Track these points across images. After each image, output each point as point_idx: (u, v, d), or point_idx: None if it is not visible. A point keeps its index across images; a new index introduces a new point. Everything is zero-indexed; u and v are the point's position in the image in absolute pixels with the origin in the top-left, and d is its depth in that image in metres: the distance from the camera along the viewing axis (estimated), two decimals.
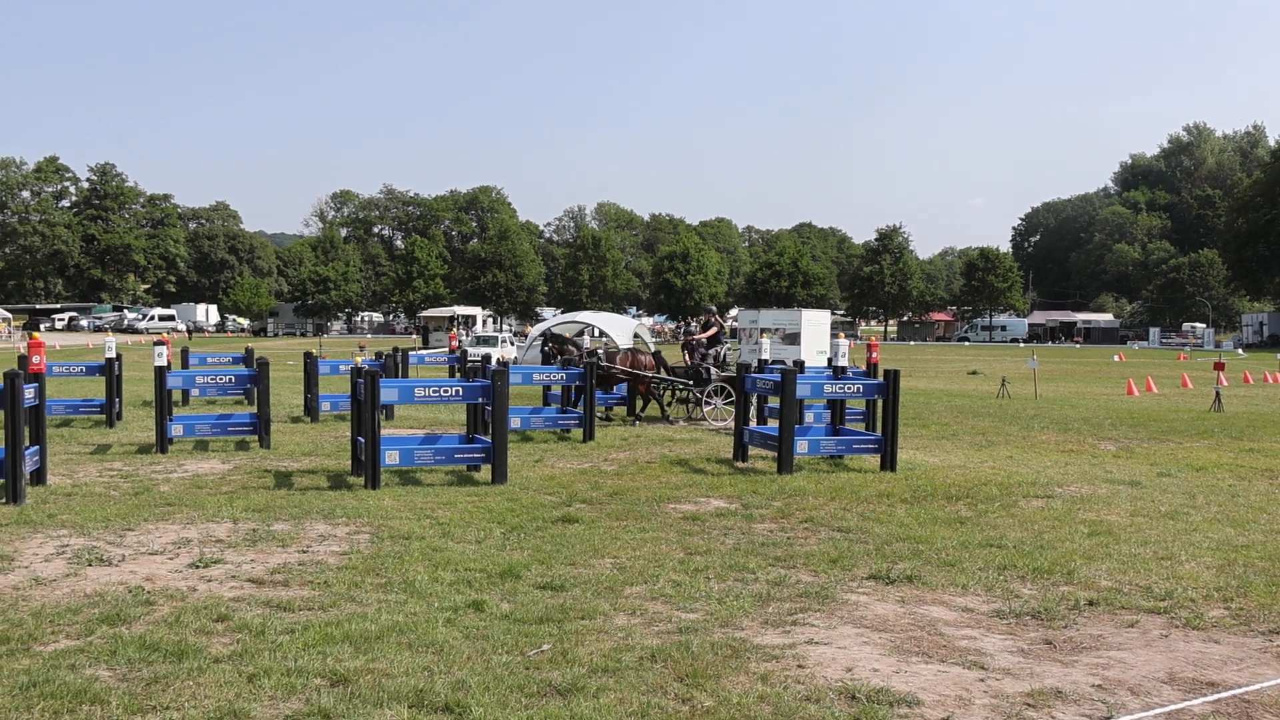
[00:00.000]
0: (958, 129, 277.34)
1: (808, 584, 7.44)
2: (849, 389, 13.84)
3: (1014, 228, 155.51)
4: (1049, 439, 16.79)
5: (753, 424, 14.63)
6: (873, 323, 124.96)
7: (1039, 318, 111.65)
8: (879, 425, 14.24)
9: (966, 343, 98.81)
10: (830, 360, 15.52)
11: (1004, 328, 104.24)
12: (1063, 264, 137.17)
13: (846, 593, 7.25)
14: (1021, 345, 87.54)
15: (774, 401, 15.30)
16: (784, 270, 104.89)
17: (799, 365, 15.85)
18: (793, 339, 37.04)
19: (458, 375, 21.59)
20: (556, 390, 18.95)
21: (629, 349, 21.10)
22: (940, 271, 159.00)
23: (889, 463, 12.92)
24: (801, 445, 13.08)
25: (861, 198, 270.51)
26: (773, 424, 14.65)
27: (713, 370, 19.32)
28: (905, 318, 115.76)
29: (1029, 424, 19.09)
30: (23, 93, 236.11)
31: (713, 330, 20.29)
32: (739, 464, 13.53)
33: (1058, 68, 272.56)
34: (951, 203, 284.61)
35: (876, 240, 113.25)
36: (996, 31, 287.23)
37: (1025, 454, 14.89)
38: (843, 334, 16.57)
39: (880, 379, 13.71)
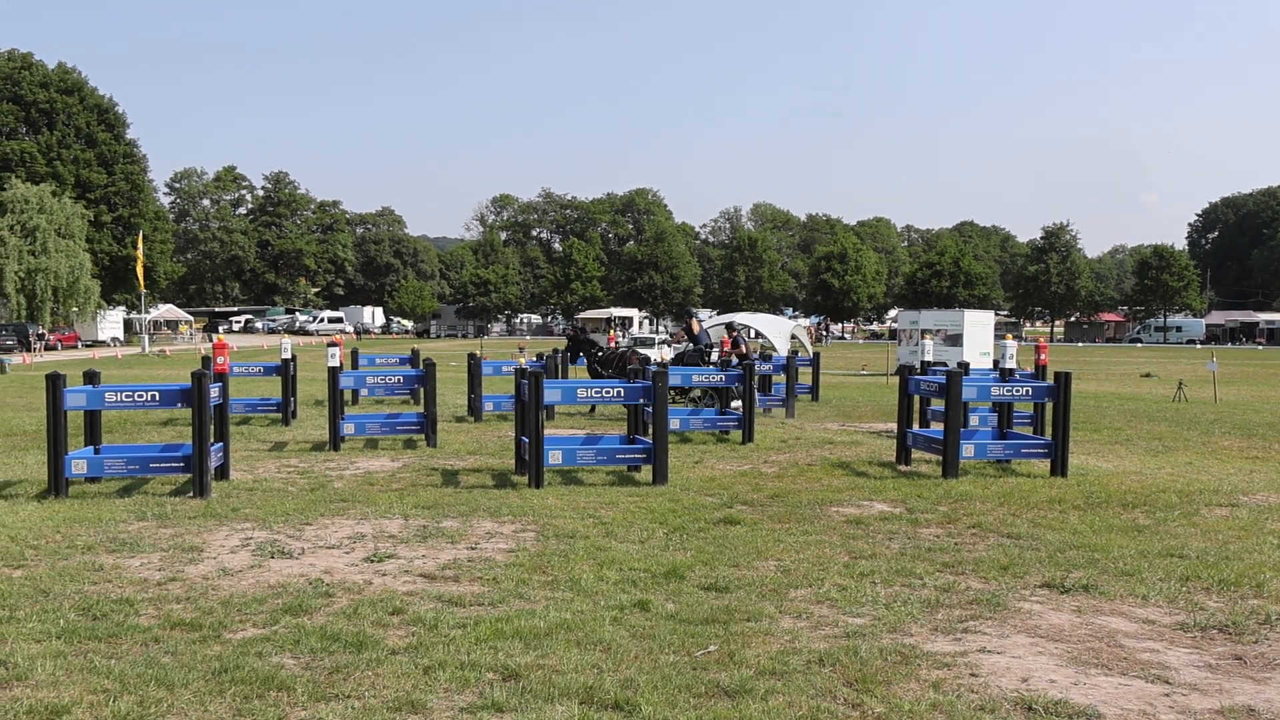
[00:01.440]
0: (1129, 122, 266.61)
1: (978, 591, 7.24)
2: (1018, 392, 13.43)
3: (1190, 224, 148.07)
4: (1231, 445, 15.97)
5: (915, 427, 14.34)
6: (1038, 323, 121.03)
7: (1217, 318, 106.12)
8: (1048, 429, 13.78)
9: (1139, 344, 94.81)
10: (996, 362, 15.10)
11: (1179, 328, 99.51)
12: (1244, 262, 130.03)
13: (1019, 601, 7.03)
14: (1199, 346, 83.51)
15: (937, 404, 14.97)
16: (945, 270, 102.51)
17: (964, 367, 15.47)
18: (954, 340, 36.12)
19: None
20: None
21: (630, 348, 22.18)
22: (1110, 270, 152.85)
23: (1060, 468, 12.49)
24: (967, 449, 12.75)
25: (1025, 195, 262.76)
26: (936, 427, 14.33)
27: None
28: (1073, 318, 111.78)
29: (1209, 429, 18.19)
30: (203, 106, 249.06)
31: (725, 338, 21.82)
32: (901, 467, 13.28)
33: (1239, 58, 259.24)
34: (1123, 199, 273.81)
35: (1042, 238, 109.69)
36: (1173, 21, 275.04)
37: (1206, 460, 14.20)
38: (1009, 335, 16.08)
39: (1050, 381, 13.26)
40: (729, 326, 24.25)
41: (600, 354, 22.42)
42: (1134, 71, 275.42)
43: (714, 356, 21.62)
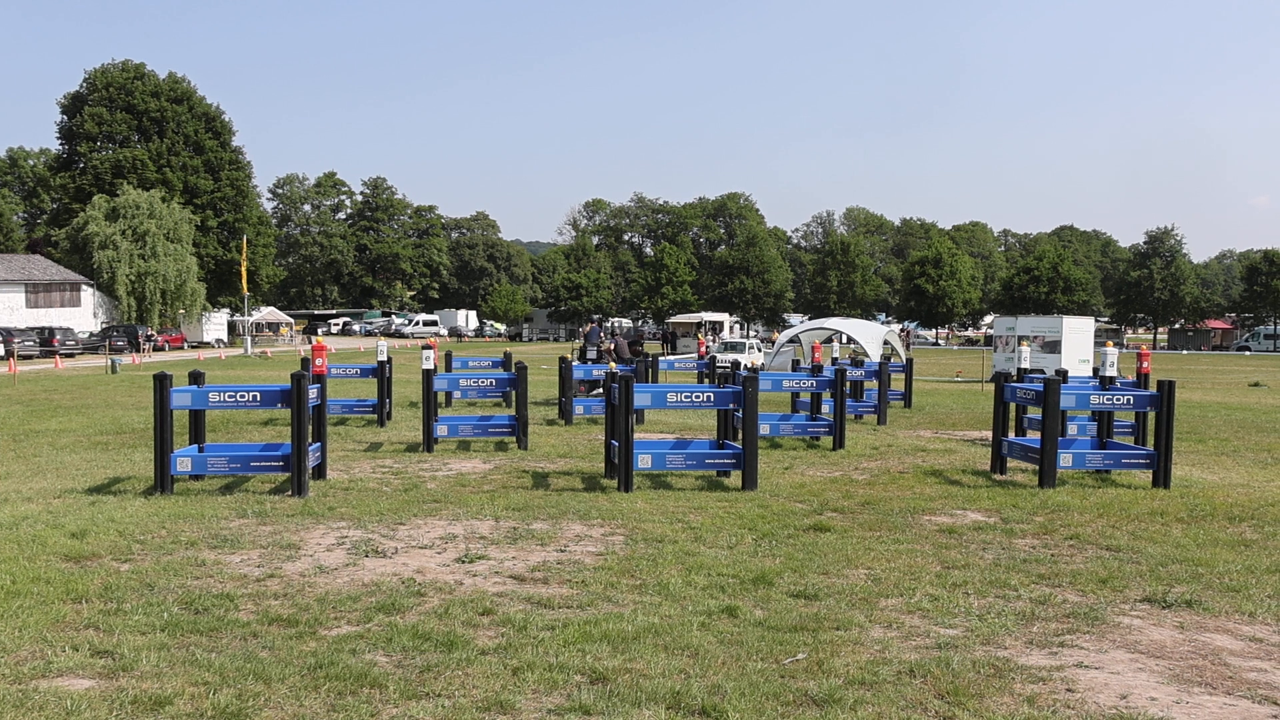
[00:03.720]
0: (1237, 122, 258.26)
1: (1075, 604, 7.07)
2: (1118, 400, 13.09)
3: None
4: None
5: (1011, 435, 14.06)
6: (1140, 330, 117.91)
7: None
8: (1150, 439, 13.41)
9: (1247, 352, 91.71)
10: (1096, 370, 14.74)
11: None
12: None
13: (1118, 615, 6.85)
14: None
15: (1034, 412, 14.67)
16: (1043, 275, 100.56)
17: (1062, 375, 15.14)
18: (1053, 347, 35.37)
19: (705, 380, 21.85)
20: (805, 397, 18.80)
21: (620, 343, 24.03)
22: (1217, 276, 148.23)
23: (1163, 479, 12.14)
24: (1065, 458, 12.46)
25: (1128, 199, 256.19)
26: (1033, 435, 14.04)
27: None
28: (1177, 325, 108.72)
29: None
30: (306, 113, 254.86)
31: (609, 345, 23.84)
32: (996, 476, 13.03)
33: None
34: (1231, 202, 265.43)
35: (1145, 243, 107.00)
36: (1272, 14, 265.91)
37: None
38: (1110, 342, 15.67)
39: (1153, 390, 12.90)
40: (610, 332, 26.11)
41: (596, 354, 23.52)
42: (1239, 70, 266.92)
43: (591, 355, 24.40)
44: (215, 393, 11.43)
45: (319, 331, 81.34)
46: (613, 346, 23.65)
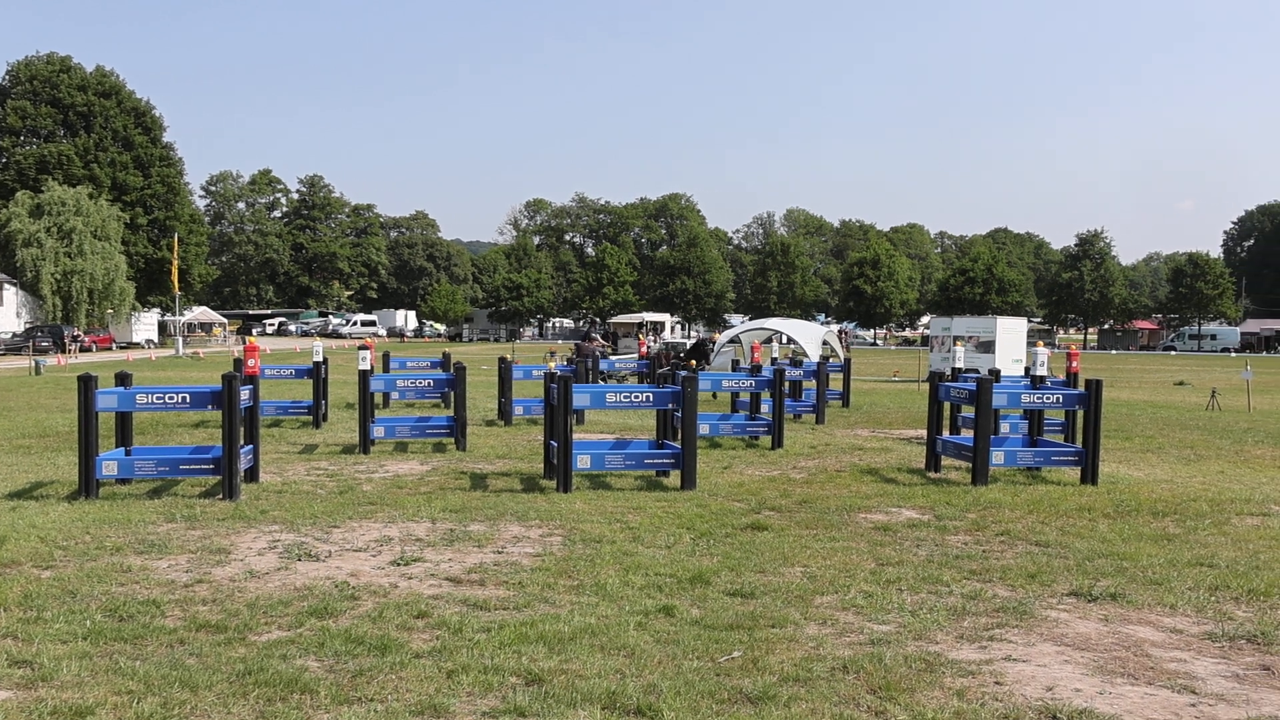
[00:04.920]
0: (1164, 129, 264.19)
1: (1004, 599, 7.18)
2: (1048, 399, 13.32)
3: (1226, 232, 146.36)
4: (1264, 454, 15.77)
5: (945, 433, 14.24)
6: (1071, 330, 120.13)
7: (1253, 326, 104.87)
8: (1079, 437, 13.66)
9: (1173, 352, 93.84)
10: (1028, 369, 14.99)
11: (1214, 336, 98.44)
12: (1279, 270, 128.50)
13: (1046, 609, 6.97)
14: (1233, 355, 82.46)
15: (968, 411, 14.88)
16: (978, 276, 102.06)
17: (995, 374, 15.37)
18: (987, 347, 35.85)
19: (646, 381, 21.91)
20: (745, 397, 18.91)
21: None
22: (1145, 278, 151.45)
23: (1090, 476, 12.37)
24: (997, 456, 12.65)
25: (1060, 202, 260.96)
26: (966, 434, 14.24)
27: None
28: (1106, 325, 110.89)
29: (1242, 438, 17.98)
30: (240, 110, 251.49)
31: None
32: (931, 474, 13.19)
33: (1272, 65, 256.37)
34: (1158, 206, 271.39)
35: (1076, 245, 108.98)
36: (1207, 27, 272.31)
37: (1238, 469, 14.02)
38: (1041, 342, 15.94)
39: (1081, 389, 13.14)
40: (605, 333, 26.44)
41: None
42: (1164, 78, 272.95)
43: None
44: (143, 394, 11.21)
45: (254, 332, 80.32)
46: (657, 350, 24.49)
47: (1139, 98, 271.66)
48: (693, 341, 27.39)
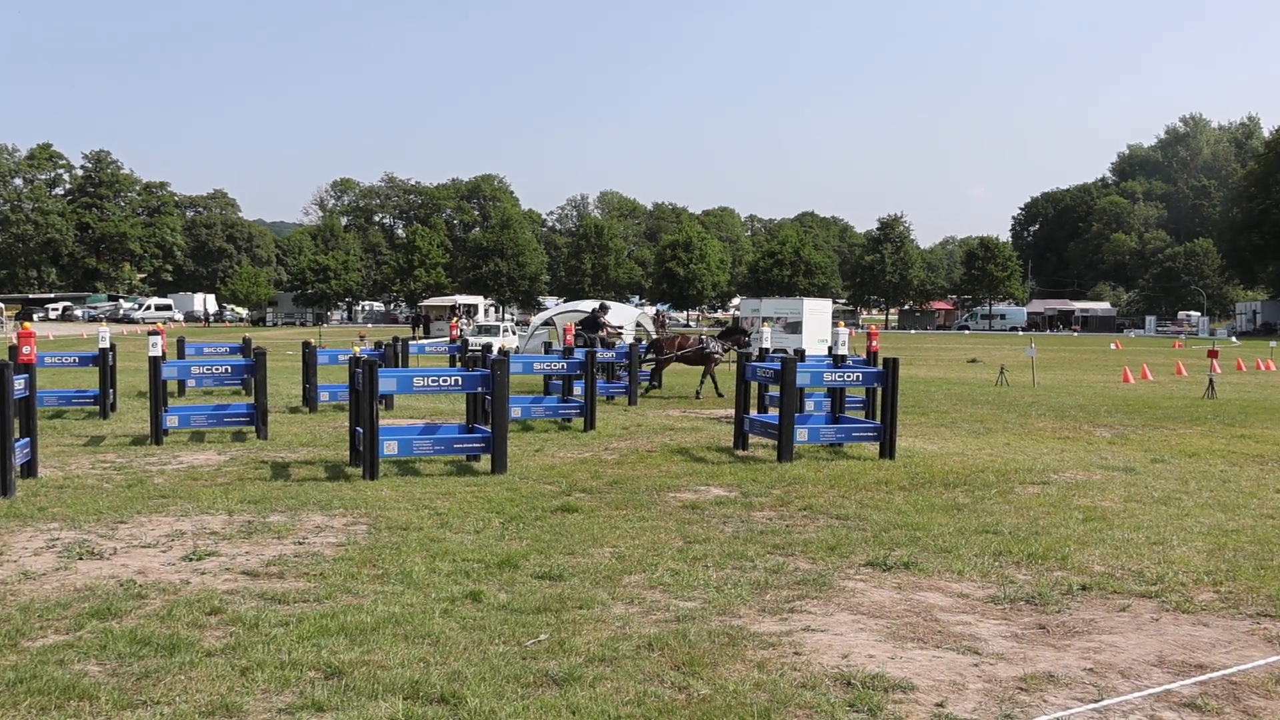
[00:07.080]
0: (959, 118, 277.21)
1: (805, 571, 7.39)
2: (849, 377, 13.77)
3: (1014, 217, 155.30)
4: (1046, 426, 16.74)
5: (753, 412, 14.57)
6: (874, 311, 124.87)
7: (1038, 306, 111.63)
8: (879, 413, 14.19)
9: (966, 331, 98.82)
10: (830, 349, 15.46)
11: (1003, 316, 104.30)
12: (1061, 253, 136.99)
13: (844, 580, 7.21)
14: (1020, 333, 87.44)
15: (775, 390, 15.25)
16: (786, 259, 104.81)
17: (800, 354, 15.80)
18: (794, 328, 36.97)
19: (458, 365, 21.59)
20: (557, 380, 18.88)
21: (674, 335, 23.98)
22: (941, 260, 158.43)
23: (888, 450, 12.88)
24: (801, 433, 13.02)
25: (863, 187, 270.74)
26: (773, 412, 14.59)
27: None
28: (906, 306, 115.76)
29: (1026, 411, 19.04)
30: (17, 79, 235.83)
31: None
32: (739, 452, 13.48)
33: (1057, 58, 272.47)
34: (952, 192, 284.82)
35: (878, 229, 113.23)
36: (997, 21, 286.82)
37: (1022, 441, 14.84)
38: (843, 322, 16.50)
39: (880, 367, 13.65)
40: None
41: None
42: (959, 67, 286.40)
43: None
44: None
45: (34, 317, 75.63)
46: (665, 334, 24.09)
47: (935, 85, 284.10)
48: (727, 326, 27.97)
